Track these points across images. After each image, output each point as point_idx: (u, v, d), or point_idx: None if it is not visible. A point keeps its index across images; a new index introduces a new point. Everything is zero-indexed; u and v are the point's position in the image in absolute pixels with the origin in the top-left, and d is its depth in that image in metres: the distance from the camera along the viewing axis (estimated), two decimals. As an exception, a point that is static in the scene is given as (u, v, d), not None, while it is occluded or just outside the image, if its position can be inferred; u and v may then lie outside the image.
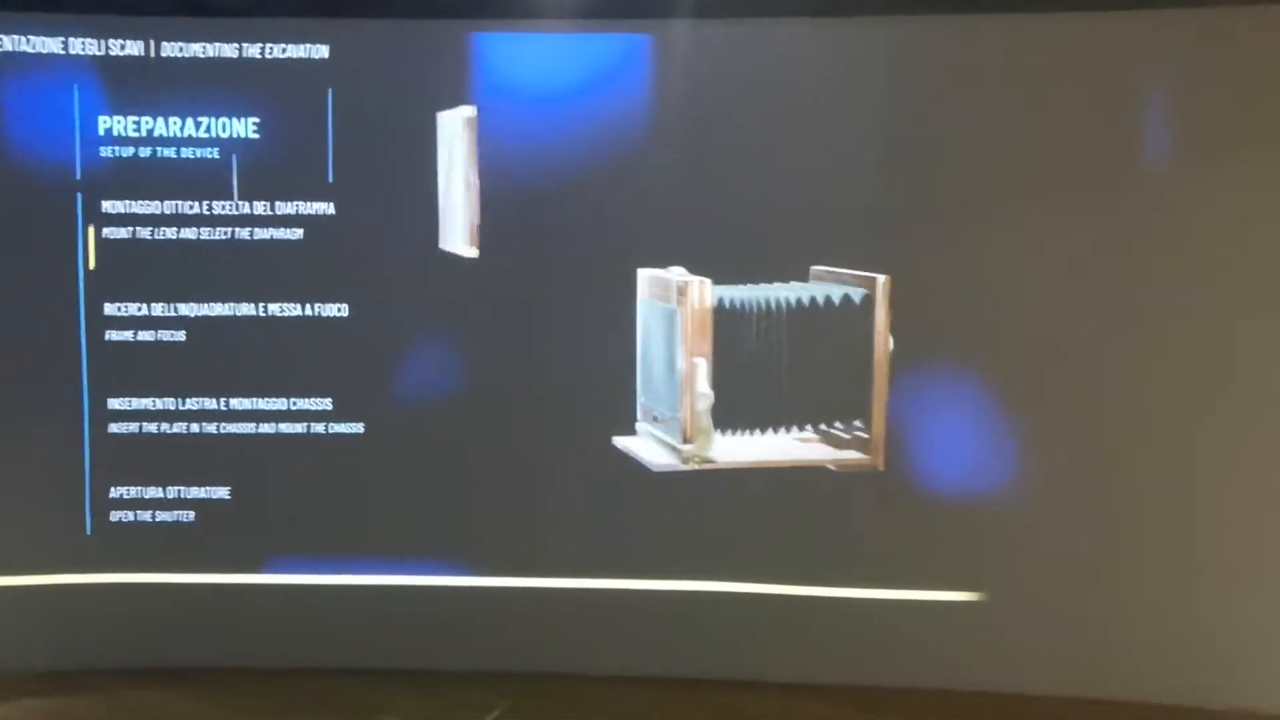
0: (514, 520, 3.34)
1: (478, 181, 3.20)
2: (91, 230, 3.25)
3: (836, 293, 3.13)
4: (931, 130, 3.10)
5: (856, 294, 3.12)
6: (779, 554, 3.27)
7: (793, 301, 3.12)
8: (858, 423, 3.18)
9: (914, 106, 3.10)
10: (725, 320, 3.12)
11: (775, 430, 3.18)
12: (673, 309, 3.12)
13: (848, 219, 3.16)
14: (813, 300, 3.13)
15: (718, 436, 3.14)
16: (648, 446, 3.22)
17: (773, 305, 3.12)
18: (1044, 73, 3.05)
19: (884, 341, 3.11)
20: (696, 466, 3.14)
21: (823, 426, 3.20)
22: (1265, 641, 3.08)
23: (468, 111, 3.19)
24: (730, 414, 3.15)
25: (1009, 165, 3.08)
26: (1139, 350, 3.07)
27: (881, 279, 3.10)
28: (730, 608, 3.28)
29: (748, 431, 3.17)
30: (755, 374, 3.15)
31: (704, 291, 3.09)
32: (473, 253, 3.23)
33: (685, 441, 3.13)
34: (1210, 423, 3.06)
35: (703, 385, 3.11)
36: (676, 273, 3.14)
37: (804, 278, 3.16)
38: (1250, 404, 3.03)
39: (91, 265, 3.26)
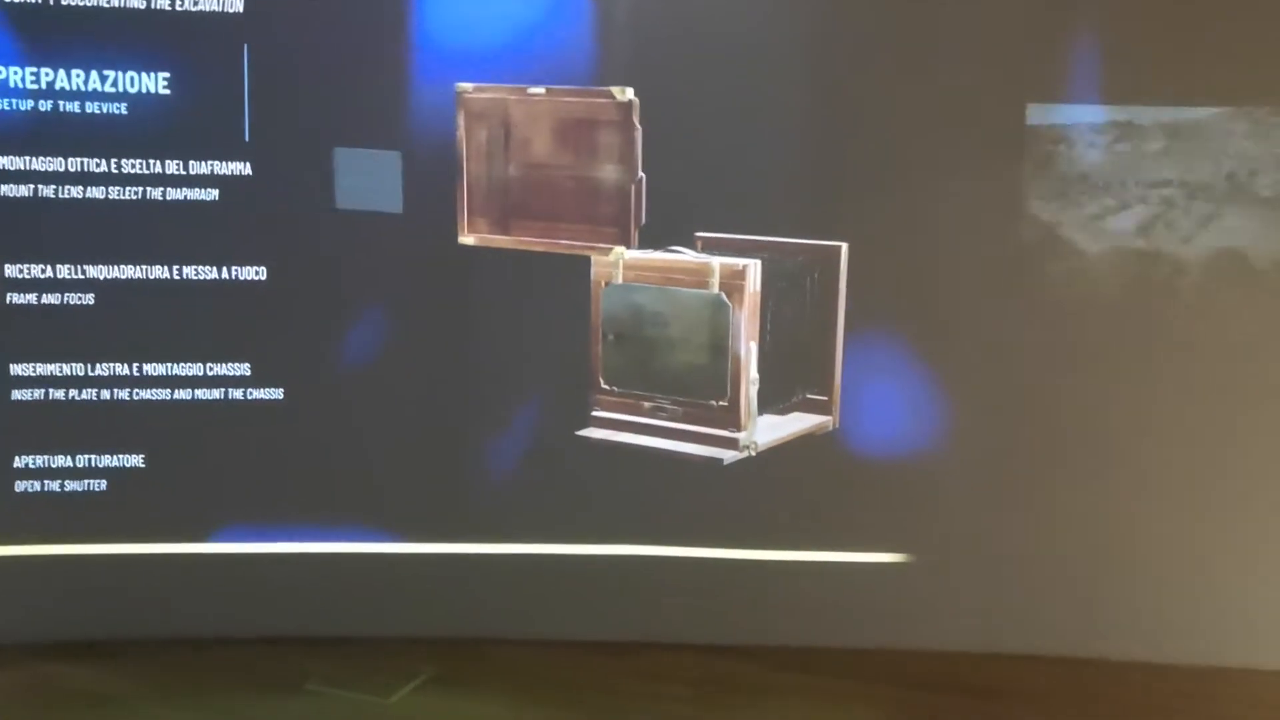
0: (438, 486, 3.31)
1: (643, 175, 3.11)
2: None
3: (805, 265, 3.16)
4: (858, 93, 3.11)
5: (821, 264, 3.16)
6: (705, 518, 3.29)
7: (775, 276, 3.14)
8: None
9: (846, 69, 3.11)
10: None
11: (773, 407, 3.21)
12: (716, 295, 3.08)
13: (774, 184, 3.17)
14: (787, 273, 3.16)
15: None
16: (668, 440, 3.19)
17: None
18: (977, 35, 3.08)
19: (842, 308, 3.16)
20: (752, 453, 3.15)
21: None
22: (1184, 595, 3.20)
23: (623, 94, 3.08)
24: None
25: (934, 130, 3.10)
26: (1066, 317, 3.14)
27: (843, 247, 3.14)
28: (656, 572, 3.30)
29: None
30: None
31: (757, 274, 3.08)
32: (633, 254, 3.14)
33: (740, 429, 3.13)
34: (1135, 388, 3.15)
35: (753, 370, 3.11)
36: (690, 255, 3.12)
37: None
38: (1173, 368, 3.13)
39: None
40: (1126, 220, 3.09)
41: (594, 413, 3.26)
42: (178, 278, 3.19)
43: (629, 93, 3.11)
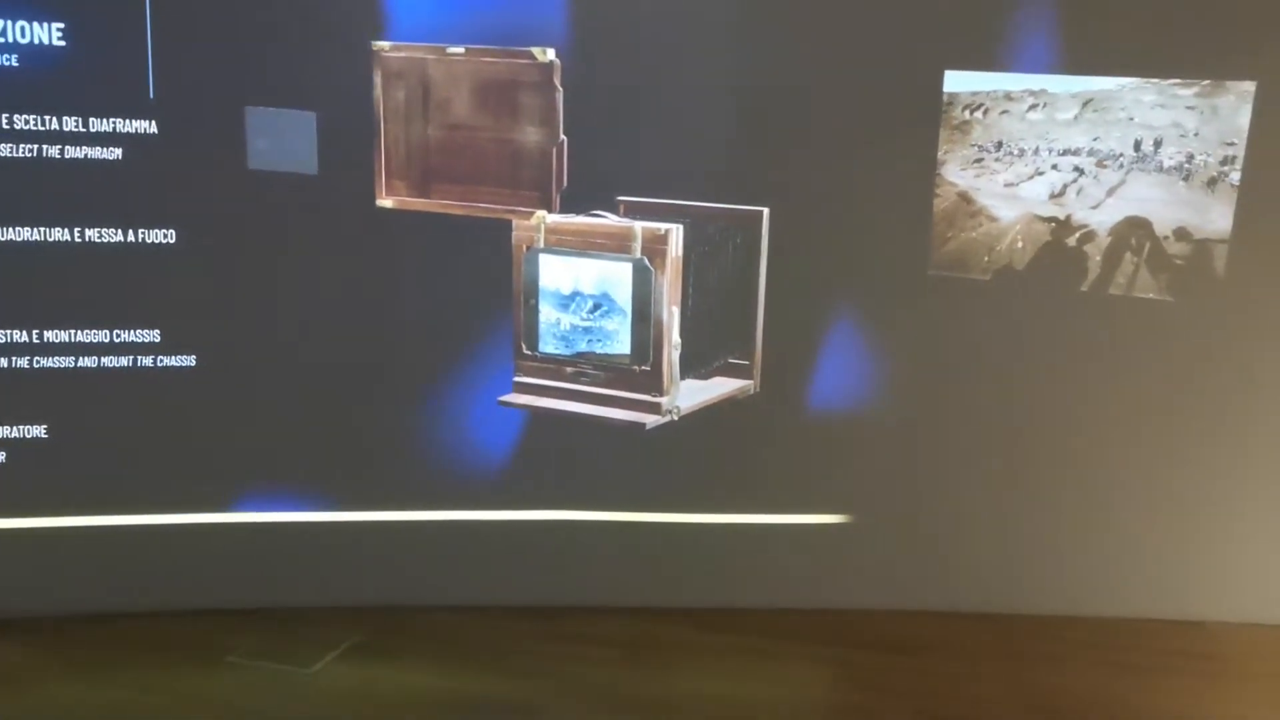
0: (358, 454, 3.26)
1: (565, 138, 3.05)
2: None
3: (727, 229, 3.17)
4: (780, 60, 3.10)
5: (743, 229, 3.17)
6: (638, 482, 3.31)
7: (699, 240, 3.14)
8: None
9: (767, 35, 3.09)
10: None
11: (694, 371, 3.22)
12: (638, 260, 3.06)
13: (697, 150, 3.14)
14: (709, 238, 3.15)
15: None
16: (591, 405, 3.17)
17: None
18: (897, 2, 3.09)
19: (764, 272, 3.18)
20: (674, 418, 3.15)
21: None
22: (1115, 551, 3.33)
23: (545, 55, 3.00)
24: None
25: (854, 96, 3.11)
26: (984, 281, 3.20)
27: (765, 211, 3.15)
28: (581, 536, 3.31)
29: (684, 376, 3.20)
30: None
31: (679, 239, 3.07)
32: (555, 218, 3.09)
33: (663, 394, 3.13)
34: (1052, 350, 3.23)
35: (676, 335, 3.10)
36: (612, 220, 3.09)
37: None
38: (1087, 331, 3.20)
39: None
40: (1040, 187, 3.17)
41: (516, 378, 3.24)
42: (80, 240, 3.06)
43: (550, 54, 3.06)
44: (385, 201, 3.15)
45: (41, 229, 3.04)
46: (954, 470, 3.31)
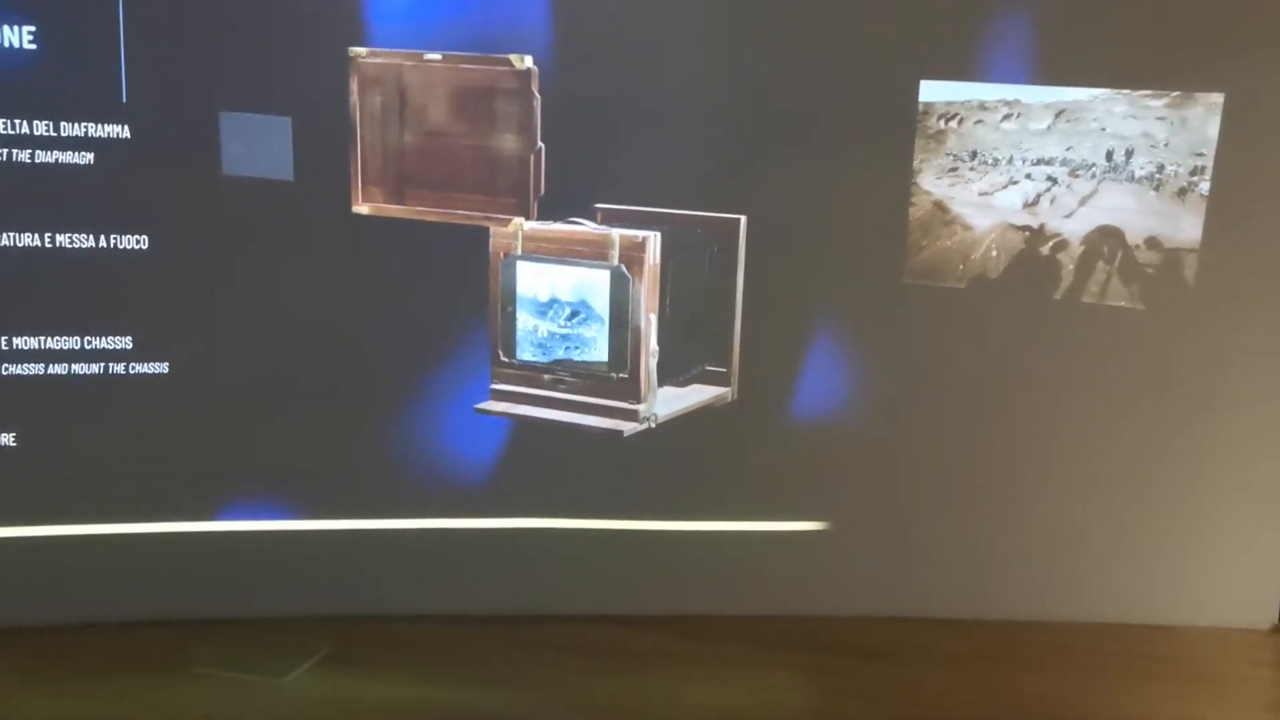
0: (332, 461, 3.23)
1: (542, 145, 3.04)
2: None
3: (705, 237, 3.17)
4: (757, 69, 3.11)
5: (720, 236, 3.18)
6: (616, 490, 3.31)
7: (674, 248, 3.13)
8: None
9: (744, 44, 3.10)
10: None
11: (672, 379, 3.21)
12: (616, 267, 3.06)
13: (674, 157, 3.15)
14: (687, 244, 3.15)
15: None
16: (568, 412, 3.16)
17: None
18: (872, 11, 3.10)
19: (741, 280, 3.19)
20: (652, 425, 3.15)
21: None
22: (1089, 557, 3.37)
23: (522, 62, 3.00)
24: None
25: (831, 105, 3.12)
26: (961, 289, 3.22)
27: (742, 219, 3.16)
28: (558, 544, 3.30)
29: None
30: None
31: (657, 246, 3.07)
32: (532, 225, 3.08)
33: (640, 401, 3.12)
34: (1029, 359, 3.25)
35: (653, 342, 3.10)
36: (589, 227, 3.09)
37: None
38: (1062, 339, 3.23)
39: None
40: (1014, 196, 3.20)
41: (493, 386, 3.22)
42: (50, 246, 3.01)
43: (528, 60, 3.05)
44: (361, 208, 3.13)
45: (11, 234, 3.00)
46: (931, 477, 3.33)
